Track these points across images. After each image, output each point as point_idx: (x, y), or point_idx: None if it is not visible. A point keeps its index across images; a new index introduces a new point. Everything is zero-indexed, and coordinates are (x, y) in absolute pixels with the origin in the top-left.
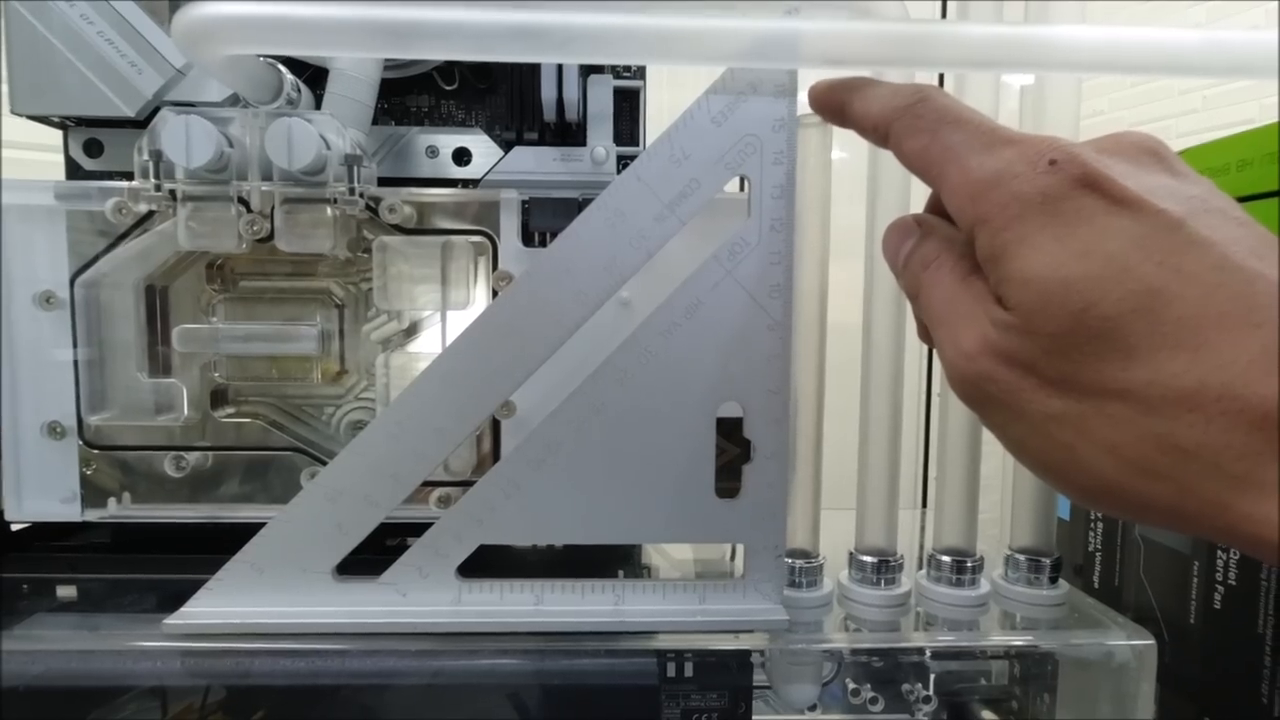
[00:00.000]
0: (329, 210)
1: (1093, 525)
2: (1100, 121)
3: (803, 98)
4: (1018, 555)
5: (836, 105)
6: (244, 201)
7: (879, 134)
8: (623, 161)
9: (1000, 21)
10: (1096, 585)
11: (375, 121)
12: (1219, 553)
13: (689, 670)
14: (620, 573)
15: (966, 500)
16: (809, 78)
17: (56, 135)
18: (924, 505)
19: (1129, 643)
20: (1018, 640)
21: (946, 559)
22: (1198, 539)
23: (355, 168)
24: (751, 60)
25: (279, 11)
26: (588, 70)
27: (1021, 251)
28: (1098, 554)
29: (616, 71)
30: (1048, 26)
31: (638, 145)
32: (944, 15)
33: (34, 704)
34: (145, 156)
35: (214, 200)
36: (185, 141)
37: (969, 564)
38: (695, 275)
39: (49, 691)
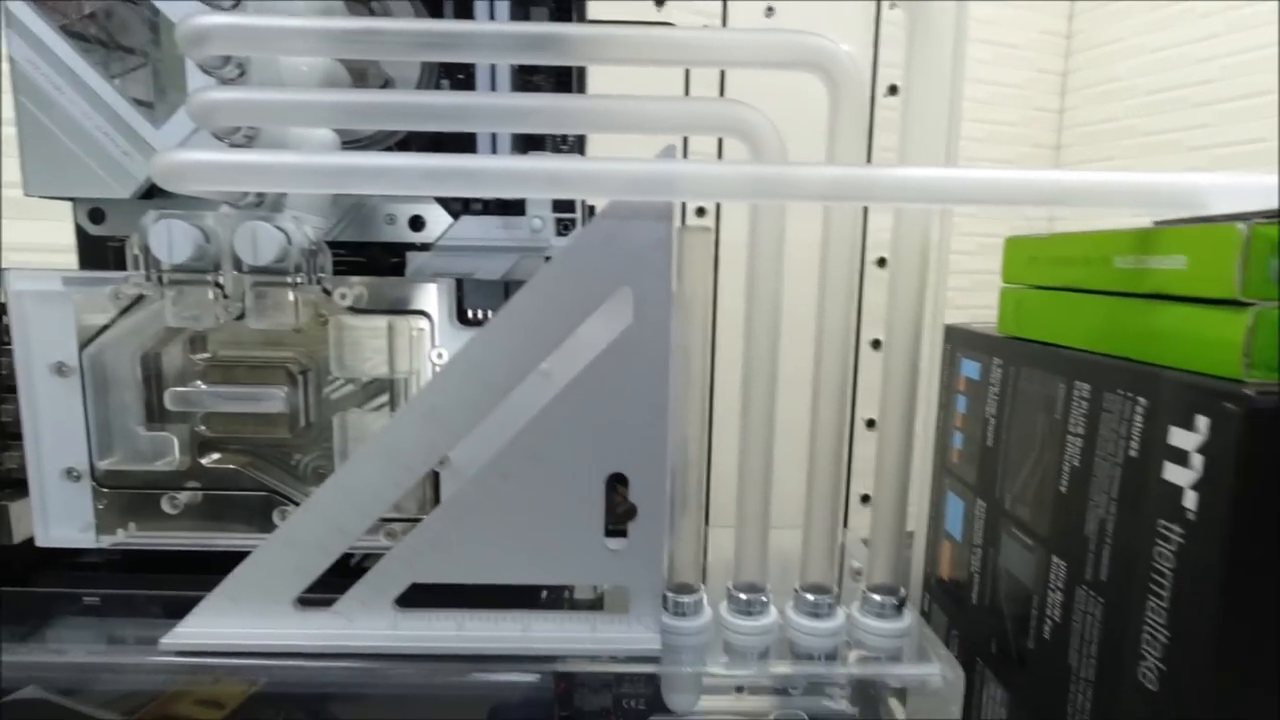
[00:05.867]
0: (291, 294)
1: (974, 551)
2: (1117, 88)
3: None
4: (871, 594)
5: None
6: (220, 285)
7: None
8: (561, 224)
9: (846, 164)
10: (974, 601)
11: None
12: (1049, 592)
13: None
14: (544, 593)
15: (829, 542)
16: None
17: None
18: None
19: (939, 674)
20: (855, 670)
21: (809, 596)
22: (1039, 574)
23: (312, 259)
24: (635, 194)
25: (233, 160)
26: (527, 147)
27: None
28: (975, 575)
29: (555, 146)
30: (888, 169)
31: (574, 211)
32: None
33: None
34: (136, 251)
35: (195, 285)
36: (168, 242)
37: (827, 601)
38: (589, 366)
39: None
